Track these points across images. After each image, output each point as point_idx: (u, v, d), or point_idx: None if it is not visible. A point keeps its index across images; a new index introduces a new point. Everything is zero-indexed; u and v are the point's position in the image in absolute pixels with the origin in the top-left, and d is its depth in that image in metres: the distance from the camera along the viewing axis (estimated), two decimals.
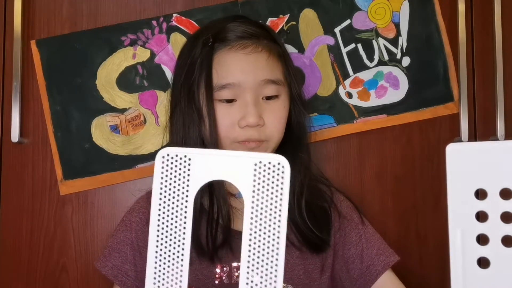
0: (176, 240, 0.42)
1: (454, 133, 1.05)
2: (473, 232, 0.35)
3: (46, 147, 1.02)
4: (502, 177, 0.33)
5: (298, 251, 0.82)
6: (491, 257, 0.34)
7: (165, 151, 0.42)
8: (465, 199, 0.35)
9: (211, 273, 0.80)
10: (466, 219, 0.35)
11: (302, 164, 0.84)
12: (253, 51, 0.80)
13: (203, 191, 0.82)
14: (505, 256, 0.33)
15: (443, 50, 1.06)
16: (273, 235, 0.40)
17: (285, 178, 0.40)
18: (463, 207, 0.35)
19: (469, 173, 0.34)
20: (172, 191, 0.42)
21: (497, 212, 0.33)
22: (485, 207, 0.34)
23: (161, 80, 1.02)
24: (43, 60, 1.02)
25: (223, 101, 0.79)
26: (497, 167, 0.34)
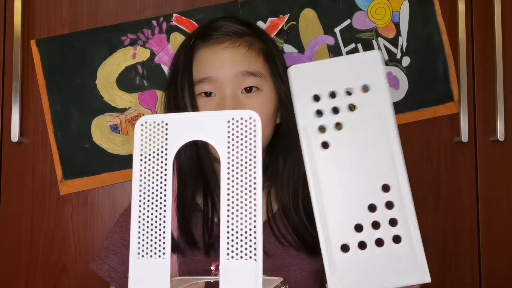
0: (158, 203, 0.44)
1: (454, 133, 1.05)
2: (314, 124, 0.47)
3: (46, 147, 1.02)
4: (329, 84, 0.47)
5: (295, 250, 0.82)
6: (329, 140, 0.47)
7: (143, 119, 0.45)
8: (306, 102, 0.47)
9: (206, 271, 0.80)
10: (309, 117, 0.47)
11: (295, 164, 0.84)
12: (230, 45, 0.80)
13: (196, 189, 0.82)
14: (338, 136, 0.47)
15: (443, 50, 1.06)
16: (250, 187, 0.43)
17: (257, 131, 0.44)
18: (305, 109, 0.47)
19: (306, 84, 0.47)
20: (152, 156, 0.45)
21: (328, 108, 0.47)
22: (320, 106, 0.47)
23: (161, 80, 1.02)
24: (43, 60, 1.02)
25: (203, 95, 0.81)
26: (324, 77, 0.48)
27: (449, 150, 1.06)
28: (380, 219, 0.46)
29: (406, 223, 0.46)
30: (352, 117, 0.47)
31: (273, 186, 0.85)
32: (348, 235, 0.46)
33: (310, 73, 0.48)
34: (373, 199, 0.46)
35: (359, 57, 0.48)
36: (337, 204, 0.46)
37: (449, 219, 1.05)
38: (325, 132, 0.47)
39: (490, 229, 1.05)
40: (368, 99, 0.47)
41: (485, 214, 1.06)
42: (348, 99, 0.47)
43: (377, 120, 0.47)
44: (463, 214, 1.06)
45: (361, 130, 0.47)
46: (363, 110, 0.47)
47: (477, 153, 1.06)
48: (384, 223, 0.46)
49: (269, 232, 0.83)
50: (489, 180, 1.06)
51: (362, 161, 0.47)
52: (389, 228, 0.46)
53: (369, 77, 0.47)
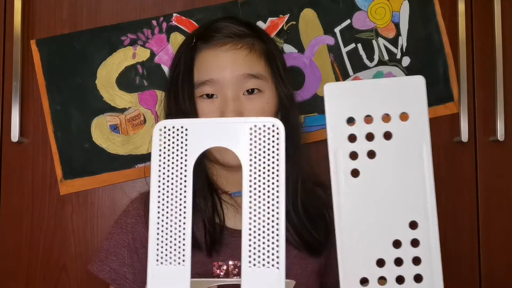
0: (178, 210, 0.43)
1: (454, 133, 1.05)
2: (346, 150, 0.44)
3: (46, 147, 1.02)
4: (365, 107, 0.44)
5: (296, 250, 0.82)
6: (360, 168, 0.44)
7: (162, 123, 0.43)
8: (339, 125, 0.44)
9: (208, 272, 0.80)
10: (340, 141, 0.44)
11: (295, 166, 0.84)
12: (232, 48, 0.80)
13: (198, 191, 0.82)
14: (370, 166, 0.44)
15: (443, 50, 1.06)
16: (273, 195, 0.42)
17: (280, 139, 0.42)
18: (338, 132, 0.45)
19: (341, 105, 0.44)
20: (171, 162, 0.43)
21: (362, 133, 0.44)
22: (354, 130, 0.44)
23: (161, 79, 1.02)
24: (43, 60, 1.02)
25: (204, 97, 0.81)
26: (361, 100, 0.44)
27: (449, 150, 1.06)
28: (404, 256, 0.44)
29: (429, 263, 0.44)
30: (386, 146, 0.44)
31: None
32: (369, 269, 0.44)
33: (347, 94, 0.45)
34: (399, 235, 0.44)
35: (402, 81, 0.45)
36: (361, 236, 0.44)
37: (449, 219, 1.05)
38: (357, 159, 0.44)
39: (490, 229, 1.05)
40: (406, 128, 0.44)
41: (485, 214, 1.06)
42: (384, 126, 0.44)
43: (413, 153, 0.44)
44: (463, 214, 1.06)
45: (395, 161, 0.44)
46: (399, 140, 0.44)
47: (477, 153, 1.06)
48: (407, 261, 0.44)
49: None
50: (489, 180, 1.06)
51: (393, 193, 0.44)
52: (412, 267, 0.44)
53: (410, 105, 0.44)
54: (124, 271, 0.83)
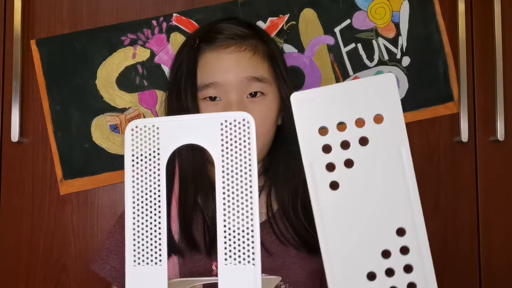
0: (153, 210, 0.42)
1: (454, 133, 1.05)
2: (322, 162, 0.42)
3: (46, 147, 1.02)
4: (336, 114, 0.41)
5: (296, 250, 0.82)
6: (338, 179, 0.41)
7: (134, 123, 0.43)
8: (311, 136, 0.42)
9: (206, 270, 0.81)
10: (315, 153, 0.42)
11: (295, 166, 0.84)
12: (235, 50, 0.80)
13: (198, 190, 0.82)
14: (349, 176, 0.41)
15: (443, 50, 1.06)
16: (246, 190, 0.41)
17: (251, 133, 0.41)
18: (311, 144, 0.42)
19: (311, 115, 0.42)
20: (144, 161, 0.43)
21: (337, 142, 0.41)
22: (328, 140, 0.41)
23: (161, 79, 1.02)
24: (43, 60, 1.02)
25: (207, 99, 0.80)
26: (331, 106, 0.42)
27: (449, 150, 1.06)
28: (395, 266, 0.42)
29: (422, 269, 0.42)
30: (363, 153, 0.41)
31: (273, 186, 0.85)
32: (360, 285, 0.42)
33: (315, 101, 0.42)
34: (387, 245, 0.42)
35: (371, 81, 0.42)
36: (347, 251, 0.42)
37: (449, 219, 1.05)
38: (334, 170, 0.42)
39: (490, 229, 1.05)
40: (382, 131, 0.41)
41: (485, 214, 1.05)
42: (359, 131, 0.41)
43: (392, 156, 0.42)
44: (463, 214, 1.06)
45: (374, 167, 0.42)
46: (376, 145, 0.41)
47: (477, 153, 1.06)
48: (399, 270, 0.42)
49: (270, 231, 0.83)
50: (489, 180, 1.06)
51: (375, 201, 0.42)
52: (404, 275, 0.42)
53: (384, 106, 0.42)
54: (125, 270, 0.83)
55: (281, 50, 0.89)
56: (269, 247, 0.82)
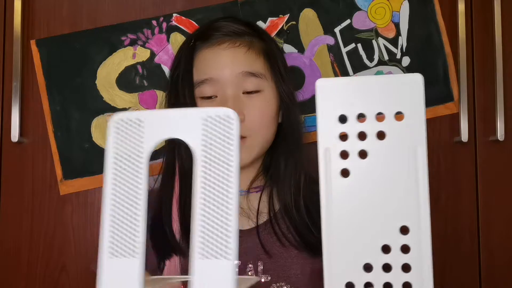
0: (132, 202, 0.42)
1: (454, 133, 1.05)
2: (337, 148, 0.42)
3: (46, 147, 1.02)
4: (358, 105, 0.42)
5: (297, 250, 0.82)
6: (350, 168, 0.42)
7: (117, 116, 0.42)
8: (330, 122, 0.43)
9: None
10: (331, 139, 0.43)
11: (297, 164, 0.84)
12: (230, 46, 0.80)
13: None
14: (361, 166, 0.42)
15: (443, 50, 1.06)
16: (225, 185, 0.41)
17: (234, 129, 0.41)
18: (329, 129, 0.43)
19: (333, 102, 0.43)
20: (126, 155, 0.43)
21: (354, 132, 0.42)
22: (346, 128, 0.42)
23: (161, 80, 1.02)
24: (43, 60, 1.02)
25: (205, 98, 0.81)
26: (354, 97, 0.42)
27: (449, 150, 1.06)
28: (393, 263, 0.42)
29: (420, 271, 0.42)
30: (379, 146, 0.42)
31: (275, 186, 0.85)
32: (356, 274, 0.42)
33: (339, 90, 0.43)
34: (389, 240, 0.42)
35: (399, 79, 0.43)
36: (348, 239, 0.43)
37: (449, 219, 1.05)
38: (347, 158, 0.42)
39: (490, 229, 1.05)
40: (401, 129, 0.42)
41: (485, 214, 1.05)
42: (378, 125, 0.42)
43: (407, 155, 0.42)
44: (463, 214, 1.05)
45: (388, 162, 0.42)
46: (393, 141, 0.42)
47: (477, 153, 1.06)
48: (396, 267, 0.42)
49: (271, 231, 0.83)
50: (489, 180, 1.06)
51: (383, 196, 0.43)
52: (401, 273, 0.42)
53: (406, 104, 0.43)
54: None
55: (281, 50, 0.89)
56: (270, 247, 0.82)
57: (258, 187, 0.87)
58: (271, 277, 0.81)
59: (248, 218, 0.84)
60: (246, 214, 0.85)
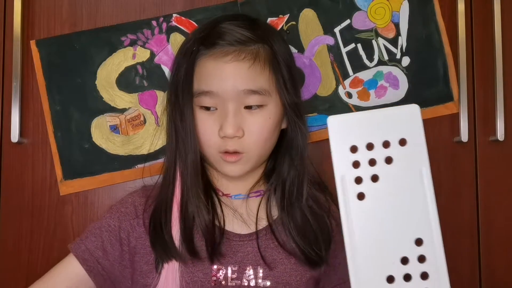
0: None
1: (454, 133, 1.05)
2: (351, 175, 0.48)
3: (46, 147, 1.02)
4: (366, 135, 0.48)
5: (297, 258, 0.82)
6: (365, 191, 0.47)
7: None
8: (343, 153, 0.48)
9: (207, 275, 0.80)
10: (346, 167, 0.48)
11: (298, 171, 0.83)
12: (234, 59, 0.77)
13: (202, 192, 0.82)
14: (374, 188, 0.47)
15: (443, 50, 1.06)
16: None
17: None
18: (343, 159, 0.48)
19: (344, 135, 0.48)
20: None
21: (365, 159, 0.47)
22: (357, 157, 0.48)
23: (161, 80, 1.02)
24: (43, 60, 1.02)
25: (203, 108, 0.79)
26: (362, 129, 0.48)
27: (449, 150, 1.06)
28: (412, 272, 0.47)
29: (437, 277, 0.48)
30: (388, 170, 0.47)
31: (276, 192, 0.85)
32: (380, 286, 0.47)
33: (348, 124, 0.48)
34: (406, 252, 0.47)
35: (398, 110, 0.49)
36: (370, 255, 0.47)
37: (449, 219, 1.05)
38: (362, 183, 0.48)
39: (490, 229, 1.05)
40: (405, 153, 0.48)
41: (485, 214, 1.05)
42: (385, 151, 0.48)
43: (413, 175, 0.47)
44: (463, 214, 1.05)
45: (397, 183, 0.48)
46: (399, 164, 0.47)
47: (477, 153, 1.06)
48: (416, 276, 0.47)
49: (271, 237, 0.82)
50: (489, 180, 1.06)
51: (397, 213, 0.47)
52: (420, 281, 0.47)
53: (407, 131, 0.48)
54: (98, 255, 0.81)
55: (286, 49, 0.85)
56: (270, 253, 0.81)
57: (258, 192, 0.86)
58: (270, 283, 0.80)
59: (246, 223, 0.84)
60: (244, 219, 0.84)
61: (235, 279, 0.80)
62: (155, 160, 1.02)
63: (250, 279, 0.80)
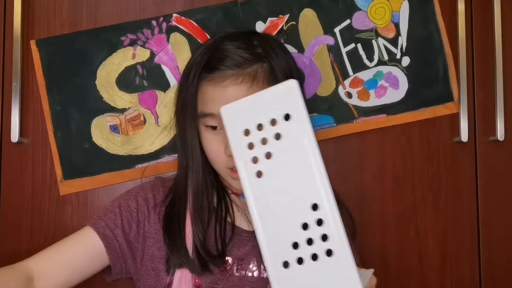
0: None
1: (454, 133, 1.05)
2: (248, 156, 0.52)
3: (46, 147, 1.02)
4: (255, 118, 0.51)
5: None
6: (262, 169, 0.51)
7: None
8: (239, 138, 0.52)
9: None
10: (242, 150, 0.52)
11: None
12: (232, 83, 0.79)
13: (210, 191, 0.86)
14: (269, 164, 0.51)
15: (443, 50, 1.06)
16: None
17: None
18: (239, 143, 0.52)
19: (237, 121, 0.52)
20: None
21: (258, 140, 0.51)
22: (251, 139, 0.51)
23: (161, 80, 1.02)
24: (43, 60, 1.02)
25: (210, 127, 0.82)
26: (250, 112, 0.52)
27: (449, 150, 1.06)
28: (313, 236, 0.50)
29: (335, 237, 0.49)
30: (278, 146, 0.51)
31: None
32: (287, 253, 0.50)
33: (239, 110, 0.53)
34: (305, 218, 0.50)
35: (277, 88, 0.51)
36: (276, 225, 0.51)
37: (449, 219, 1.05)
38: (258, 162, 0.51)
39: (490, 229, 1.05)
40: (290, 126, 0.51)
41: (485, 214, 1.05)
42: (273, 129, 0.51)
43: (300, 146, 0.50)
44: (463, 214, 1.05)
45: (287, 156, 0.51)
46: (287, 138, 0.51)
47: (477, 153, 1.06)
48: (317, 239, 0.50)
49: None
50: (489, 180, 1.06)
51: (292, 184, 0.51)
52: (322, 243, 0.49)
53: (289, 106, 0.51)
54: (117, 233, 0.82)
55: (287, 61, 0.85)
56: None
57: None
58: None
59: (248, 220, 0.86)
60: (247, 216, 0.87)
61: (240, 269, 0.83)
62: (155, 160, 1.02)
63: (253, 271, 0.83)
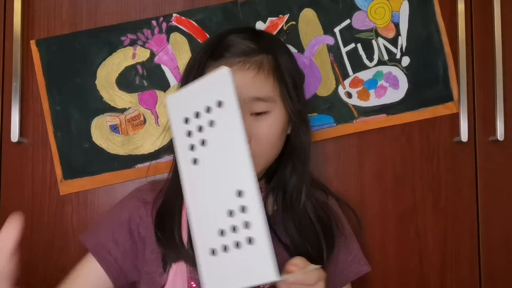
0: None
1: (454, 133, 1.05)
2: (186, 144, 0.52)
3: (46, 147, 1.02)
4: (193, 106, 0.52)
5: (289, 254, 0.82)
6: (197, 156, 0.52)
7: None
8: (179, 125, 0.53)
9: None
10: (182, 137, 0.53)
11: (300, 175, 0.84)
12: (239, 69, 0.78)
13: None
14: (203, 151, 0.51)
15: (442, 50, 1.06)
16: None
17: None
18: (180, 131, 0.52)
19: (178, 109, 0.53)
20: None
21: (195, 127, 0.52)
22: (189, 127, 0.52)
23: (161, 80, 1.02)
24: (43, 60, 1.02)
25: None
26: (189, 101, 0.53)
27: (449, 150, 1.06)
28: (237, 223, 0.50)
29: (256, 225, 0.49)
30: (211, 132, 0.52)
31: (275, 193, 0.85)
32: (215, 240, 0.50)
33: (180, 99, 0.54)
34: (231, 205, 0.50)
35: (212, 76, 0.52)
36: (206, 213, 0.52)
37: (449, 219, 1.05)
38: (194, 149, 0.52)
39: (490, 229, 1.05)
40: (222, 113, 0.51)
41: (485, 214, 1.05)
42: (208, 116, 0.51)
43: (229, 133, 0.51)
44: (463, 214, 1.05)
45: (218, 143, 0.51)
46: (219, 125, 0.51)
47: (477, 153, 1.06)
48: (240, 226, 0.50)
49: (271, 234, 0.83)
50: (489, 180, 1.06)
51: (221, 171, 0.51)
52: (244, 231, 0.50)
53: (221, 93, 0.51)
54: (110, 246, 0.83)
55: (292, 61, 0.86)
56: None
57: None
58: None
59: None
60: None
61: None
62: (155, 160, 1.02)
63: None
